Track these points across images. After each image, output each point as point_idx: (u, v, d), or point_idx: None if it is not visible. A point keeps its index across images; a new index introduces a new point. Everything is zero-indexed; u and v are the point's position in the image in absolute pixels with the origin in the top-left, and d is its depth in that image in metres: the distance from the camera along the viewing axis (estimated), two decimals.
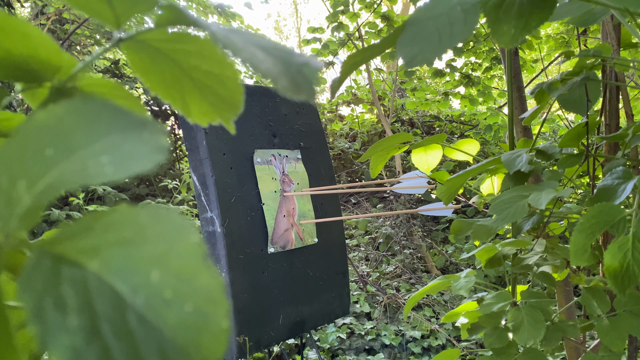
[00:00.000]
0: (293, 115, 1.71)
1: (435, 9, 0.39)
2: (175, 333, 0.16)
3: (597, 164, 0.84)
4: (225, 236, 1.39)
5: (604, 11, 0.63)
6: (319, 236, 1.69)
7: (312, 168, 1.73)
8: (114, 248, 0.18)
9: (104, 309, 0.16)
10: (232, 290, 1.38)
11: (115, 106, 0.22)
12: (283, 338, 1.55)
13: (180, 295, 0.17)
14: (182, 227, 0.18)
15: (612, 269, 0.49)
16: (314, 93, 0.26)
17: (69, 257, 0.17)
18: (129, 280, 0.17)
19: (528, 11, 0.38)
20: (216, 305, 0.17)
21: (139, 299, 0.16)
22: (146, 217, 0.18)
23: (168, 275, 0.17)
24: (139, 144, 0.20)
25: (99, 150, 0.19)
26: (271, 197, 1.55)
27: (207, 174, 1.41)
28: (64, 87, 0.29)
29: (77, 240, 0.18)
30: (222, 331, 0.17)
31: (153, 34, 0.28)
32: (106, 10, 0.26)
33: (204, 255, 0.18)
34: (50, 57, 0.28)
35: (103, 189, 3.66)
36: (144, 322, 0.16)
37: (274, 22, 21.87)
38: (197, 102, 0.31)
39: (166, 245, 0.18)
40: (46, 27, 4.68)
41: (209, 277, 0.17)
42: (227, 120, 0.32)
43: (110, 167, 0.18)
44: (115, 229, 0.18)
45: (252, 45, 0.27)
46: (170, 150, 1.42)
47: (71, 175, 0.18)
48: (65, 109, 0.20)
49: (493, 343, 0.72)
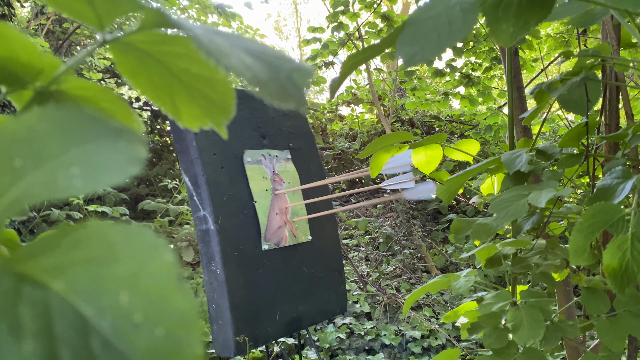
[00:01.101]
0: (281, 118, 1.73)
1: (434, 9, 0.39)
2: (144, 359, 0.15)
3: (597, 163, 0.84)
4: (218, 233, 1.40)
5: (603, 11, 0.64)
6: (313, 234, 1.71)
7: (303, 168, 1.75)
8: (81, 267, 0.16)
9: (65, 333, 0.15)
10: (227, 286, 1.39)
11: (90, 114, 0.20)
12: (280, 335, 1.55)
13: (151, 319, 0.15)
14: (155, 245, 0.17)
15: (612, 268, 0.49)
16: (304, 101, 0.25)
17: (32, 276, 0.16)
18: (95, 301, 0.16)
19: (526, 10, 0.38)
20: (190, 329, 0.16)
21: (105, 322, 0.15)
22: (117, 234, 0.17)
23: (138, 296, 0.16)
24: (113, 154, 0.19)
25: (69, 161, 0.18)
26: (263, 196, 1.56)
27: (198, 173, 1.42)
28: (47, 90, 0.28)
29: (42, 258, 0.17)
30: (196, 357, 0.15)
31: (139, 35, 0.27)
32: (88, 10, 0.25)
33: (177, 276, 0.16)
34: (30, 59, 0.27)
35: (103, 189, 3.65)
36: (110, 348, 0.15)
37: (274, 22, 21.86)
38: (188, 106, 0.31)
39: (137, 264, 0.16)
40: (46, 27, 4.68)
41: (183, 299, 0.16)
42: (219, 125, 0.31)
43: (80, 179, 0.17)
44: (83, 246, 0.17)
45: (239, 49, 0.26)
46: (170, 150, 1.43)
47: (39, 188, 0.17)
48: (37, 117, 0.19)
49: (493, 343, 0.72)
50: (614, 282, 0.48)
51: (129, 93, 5.46)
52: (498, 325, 0.74)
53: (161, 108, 0.31)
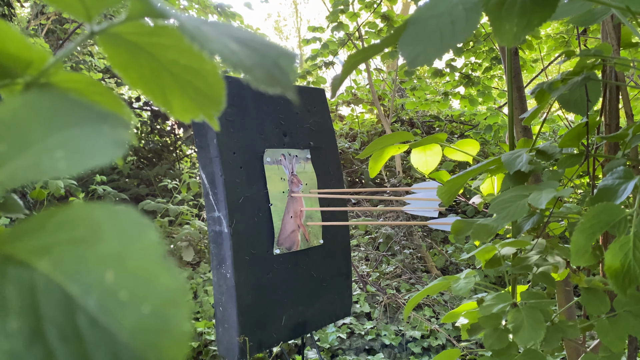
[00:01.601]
0: (304, 114, 1.68)
1: (437, 8, 0.39)
2: (131, 336, 0.15)
3: (597, 164, 0.84)
4: (232, 237, 1.38)
5: (604, 11, 0.63)
6: (324, 237, 1.69)
7: (321, 168, 1.71)
8: (66, 247, 0.17)
9: (51, 311, 0.15)
10: (236, 291, 1.38)
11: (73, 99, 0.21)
12: (284, 339, 1.54)
13: (137, 297, 0.16)
14: (140, 225, 0.17)
15: (613, 269, 0.49)
16: (291, 85, 0.26)
17: (18, 257, 0.16)
18: (81, 280, 0.16)
19: (530, 9, 0.38)
20: (176, 306, 0.16)
21: (91, 300, 0.15)
22: (102, 215, 0.18)
23: (124, 275, 0.16)
24: (97, 137, 0.19)
25: (53, 144, 0.18)
26: (279, 198, 1.54)
27: (216, 172, 1.40)
28: (37, 83, 0.28)
29: (27, 239, 0.17)
30: (182, 334, 0.16)
31: (126, 26, 0.27)
32: (75, 2, 0.26)
33: (163, 254, 0.17)
34: (19, 52, 0.27)
35: (103, 189, 3.65)
36: (96, 325, 0.15)
37: (274, 22, 21.87)
38: (179, 98, 0.31)
39: (122, 243, 0.17)
40: (46, 27, 4.68)
41: (169, 277, 0.16)
42: (210, 117, 0.32)
43: (64, 161, 0.18)
44: (68, 227, 0.17)
45: (226, 36, 0.26)
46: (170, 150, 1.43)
47: (23, 172, 0.17)
48: (22, 103, 0.20)
49: (493, 344, 0.72)
50: (615, 283, 0.48)
51: (129, 93, 5.47)
52: (498, 326, 0.74)
53: (153, 101, 0.31)
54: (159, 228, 0.19)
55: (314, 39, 4.16)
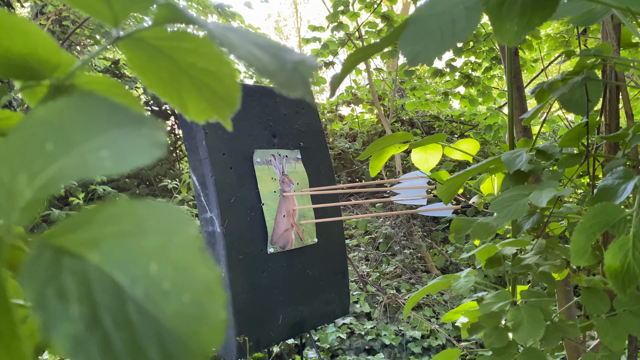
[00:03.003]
0: (293, 115, 1.70)
1: (437, 6, 0.39)
2: (173, 323, 0.16)
3: (597, 164, 0.84)
4: (224, 236, 1.39)
5: (604, 11, 0.63)
6: (319, 236, 1.69)
7: (312, 168, 1.72)
8: (114, 240, 0.18)
9: (105, 299, 0.17)
10: (231, 290, 1.38)
11: (113, 102, 0.22)
12: (283, 338, 1.54)
13: (178, 287, 0.17)
14: (180, 220, 0.19)
15: (613, 268, 0.49)
16: (310, 90, 0.27)
17: (70, 249, 0.18)
18: (128, 271, 0.17)
19: (531, 8, 0.38)
20: (213, 296, 0.17)
21: (138, 290, 0.17)
22: (145, 210, 0.19)
23: (166, 266, 0.17)
24: (138, 139, 0.20)
25: (98, 145, 0.19)
26: (271, 197, 1.54)
27: (206, 174, 1.41)
28: (63, 85, 0.29)
29: (77, 232, 0.18)
30: (219, 322, 0.17)
31: (151, 32, 0.28)
32: (104, 8, 0.26)
33: (201, 248, 0.18)
34: (48, 55, 0.28)
35: (103, 189, 3.65)
36: (144, 313, 0.16)
37: (274, 23, 21.88)
38: (194, 100, 0.32)
39: (164, 237, 0.18)
40: (46, 27, 4.68)
41: (207, 269, 0.18)
42: (224, 118, 0.33)
43: (110, 161, 0.19)
44: (114, 221, 0.18)
45: (248, 43, 0.27)
46: (170, 150, 1.43)
47: (71, 170, 0.18)
48: (65, 105, 0.21)
49: (493, 343, 0.72)
50: (615, 282, 0.48)
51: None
52: (498, 325, 0.74)
53: (169, 102, 0.32)
54: (197, 224, 0.20)
55: (314, 39, 4.16)
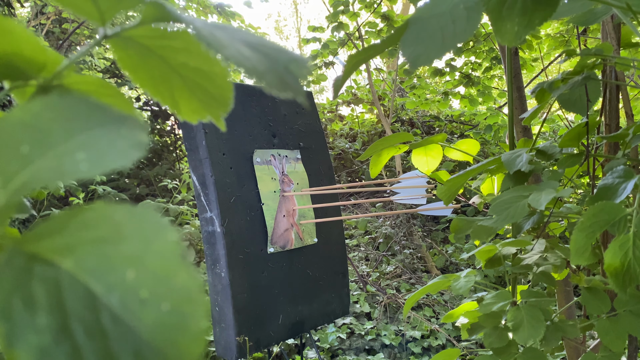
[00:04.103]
0: (293, 115, 1.70)
1: (438, 7, 0.39)
2: (151, 333, 0.16)
3: (597, 163, 0.84)
4: (224, 236, 1.39)
5: (605, 10, 0.63)
6: (319, 236, 1.69)
7: (312, 168, 1.72)
8: (89, 246, 0.17)
9: (76, 308, 0.16)
10: (231, 290, 1.38)
11: (93, 102, 0.21)
12: (283, 338, 1.54)
13: (157, 295, 0.16)
14: (159, 226, 0.18)
15: (613, 268, 0.49)
16: (301, 90, 0.26)
17: (42, 256, 0.17)
18: (104, 279, 0.16)
19: (531, 8, 0.38)
20: (194, 304, 0.16)
21: (113, 298, 0.16)
22: (122, 215, 0.18)
23: (144, 274, 0.17)
24: (116, 139, 0.20)
25: (75, 146, 0.19)
26: (271, 197, 1.54)
27: (206, 174, 1.41)
28: (50, 85, 0.29)
29: (52, 238, 0.18)
30: (200, 331, 0.16)
31: (139, 30, 0.27)
32: (90, 7, 0.26)
33: (181, 254, 0.17)
34: (34, 54, 0.28)
35: (103, 189, 3.65)
36: (119, 322, 0.16)
37: (274, 22, 21.89)
38: (187, 100, 0.31)
39: (142, 243, 0.17)
40: (46, 27, 4.68)
41: (187, 276, 0.17)
42: (217, 118, 0.32)
43: (86, 163, 0.18)
44: (90, 227, 0.18)
45: (238, 42, 0.26)
46: (170, 150, 1.43)
47: (46, 173, 0.18)
48: (42, 105, 0.20)
49: (493, 342, 0.72)
50: (616, 282, 0.48)
51: (129, 93, 5.46)
52: (498, 325, 0.74)
53: (161, 102, 0.31)
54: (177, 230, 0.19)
55: (314, 39, 4.16)
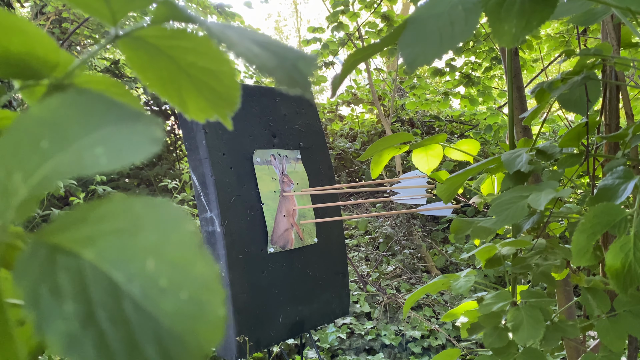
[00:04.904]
0: (293, 115, 1.70)
1: (436, 8, 0.38)
2: (171, 321, 0.16)
3: (597, 164, 0.84)
4: (225, 236, 1.38)
5: (604, 10, 0.63)
6: (319, 236, 1.69)
7: (312, 168, 1.72)
8: (109, 237, 0.18)
9: (100, 296, 0.16)
10: (231, 290, 1.38)
11: (109, 99, 0.22)
12: (283, 338, 1.54)
13: (176, 284, 0.17)
14: (177, 216, 0.18)
15: (614, 269, 0.49)
16: (309, 86, 0.27)
17: (65, 247, 0.18)
18: (125, 269, 0.17)
19: (529, 10, 0.38)
20: (212, 293, 0.17)
21: (134, 287, 0.17)
22: (141, 207, 0.19)
23: (163, 264, 0.17)
24: (133, 135, 0.20)
25: (93, 141, 0.19)
26: (271, 197, 1.54)
27: (206, 173, 1.41)
28: (61, 84, 0.29)
29: (72, 230, 0.18)
30: (218, 319, 0.17)
31: (149, 30, 0.28)
32: (102, 7, 0.26)
33: (199, 244, 0.18)
34: (47, 54, 0.28)
35: (103, 189, 3.65)
36: (140, 310, 0.16)
37: (274, 23, 21.90)
38: (194, 99, 0.32)
39: (161, 234, 0.18)
40: (45, 27, 4.68)
41: (205, 265, 0.17)
42: (224, 116, 0.33)
43: (105, 157, 0.19)
44: (110, 218, 0.18)
45: (247, 40, 0.27)
46: (170, 150, 1.43)
47: (66, 167, 0.18)
48: (60, 102, 0.21)
49: (493, 343, 0.72)
50: (616, 283, 0.48)
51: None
52: (498, 325, 0.74)
53: (168, 102, 0.32)
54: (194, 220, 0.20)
55: (314, 40, 4.16)
